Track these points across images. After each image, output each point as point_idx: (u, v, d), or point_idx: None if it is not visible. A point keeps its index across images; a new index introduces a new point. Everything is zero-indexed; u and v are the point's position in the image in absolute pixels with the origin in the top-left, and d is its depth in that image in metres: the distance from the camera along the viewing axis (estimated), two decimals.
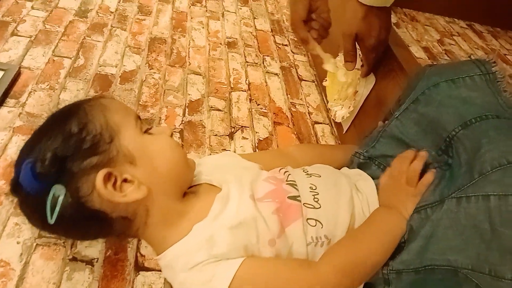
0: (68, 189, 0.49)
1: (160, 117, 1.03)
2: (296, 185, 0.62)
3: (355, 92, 0.94)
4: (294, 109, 1.18)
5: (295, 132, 1.11)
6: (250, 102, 1.16)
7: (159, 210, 0.55)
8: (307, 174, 0.66)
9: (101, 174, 0.49)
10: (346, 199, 0.62)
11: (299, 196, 0.60)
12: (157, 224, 0.56)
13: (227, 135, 1.04)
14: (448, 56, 1.69)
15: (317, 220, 0.58)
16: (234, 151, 0.99)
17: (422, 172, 0.62)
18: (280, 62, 1.37)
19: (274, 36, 1.50)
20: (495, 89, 0.61)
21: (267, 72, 1.31)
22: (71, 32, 1.23)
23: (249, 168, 0.67)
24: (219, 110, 1.11)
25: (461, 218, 0.51)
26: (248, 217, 0.55)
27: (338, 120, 1.01)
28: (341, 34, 0.82)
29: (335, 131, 1.14)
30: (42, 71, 1.06)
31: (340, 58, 0.89)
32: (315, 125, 1.15)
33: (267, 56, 1.38)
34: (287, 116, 1.15)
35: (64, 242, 0.72)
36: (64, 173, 0.49)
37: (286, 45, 1.47)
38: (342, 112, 0.97)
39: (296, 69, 1.36)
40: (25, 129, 0.89)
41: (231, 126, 1.07)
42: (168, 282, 0.69)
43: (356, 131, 1.00)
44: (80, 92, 1.03)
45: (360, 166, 0.74)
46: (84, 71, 1.10)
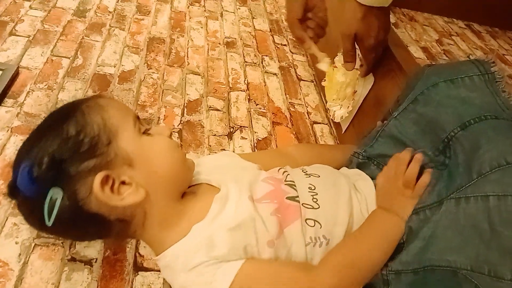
0: (65, 192, 0.48)
1: (158, 117, 1.03)
2: (294, 186, 0.62)
3: (354, 92, 0.93)
4: (293, 109, 1.18)
5: (294, 132, 1.11)
6: (249, 102, 1.16)
7: (157, 212, 0.55)
8: (306, 174, 0.66)
9: (98, 177, 0.49)
10: (345, 199, 0.62)
11: (297, 197, 0.60)
12: (156, 225, 0.55)
13: (226, 135, 1.04)
14: (446, 56, 1.69)
15: (316, 221, 0.58)
16: (233, 151, 0.99)
17: (419, 173, 0.61)
18: (279, 62, 1.37)
19: (273, 36, 1.50)
20: (494, 90, 0.61)
21: (266, 72, 1.30)
22: (70, 32, 1.22)
23: (247, 168, 0.67)
24: (218, 110, 1.11)
25: (460, 218, 0.51)
26: (247, 218, 0.55)
27: (337, 120, 1.01)
28: (340, 34, 0.82)
29: (334, 131, 1.14)
30: (40, 71, 1.06)
31: (339, 58, 0.89)
32: (314, 125, 1.15)
33: (266, 56, 1.38)
34: (286, 116, 1.15)
35: (62, 242, 0.72)
36: (61, 176, 0.48)
37: (285, 45, 1.47)
38: (341, 112, 0.97)
39: (295, 69, 1.36)
40: (23, 129, 0.89)
41: (230, 126, 1.07)
42: (167, 282, 0.68)
43: (355, 131, 1.00)
44: (79, 92, 1.03)
45: (359, 166, 0.74)
46: (83, 71, 1.10)
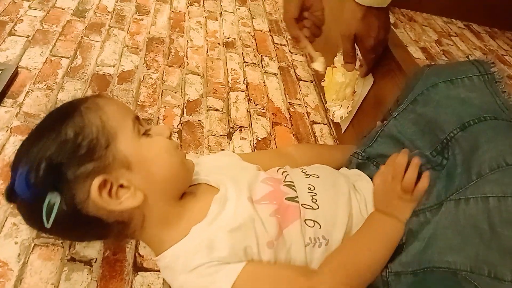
0: (63, 197, 0.48)
1: (158, 117, 1.03)
2: (294, 186, 0.62)
3: (354, 92, 0.94)
4: (293, 109, 1.18)
5: (294, 132, 1.11)
6: (248, 102, 1.16)
7: (156, 213, 0.55)
8: (306, 175, 0.66)
9: (96, 182, 0.49)
10: (344, 200, 0.62)
11: (297, 197, 0.60)
12: (155, 226, 0.55)
13: (226, 135, 1.04)
14: (446, 56, 1.69)
15: (315, 221, 0.58)
16: (233, 151, 0.99)
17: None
18: (278, 62, 1.37)
19: (272, 36, 1.50)
20: (494, 90, 0.61)
21: (265, 72, 1.30)
22: (69, 32, 1.22)
23: (247, 169, 0.67)
24: (217, 110, 1.11)
25: (460, 219, 0.51)
26: (247, 220, 0.55)
27: (336, 120, 1.01)
28: (339, 35, 0.82)
29: (334, 131, 1.14)
30: (39, 71, 1.06)
31: (339, 58, 0.89)
32: (314, 125, 1.15)
33: (265, 56, 1.38)
34: (285, 116, 1.15)
35: (62, 243, 0.71)
36: (59, 181, 0.48)
37: (284, 45, 1.47)
38: (340, 112, 0.97)
39: (294, 69, 1.36)
40: (22, 129, 0.89)
41: (229, 126, 1.06)
42: (167, 283, 0.68)
43: (355, 131, 1.00)
44: (78, 92, 1.03)
45: (359, 166, 0.74)
46: (82, 71, 1.10)
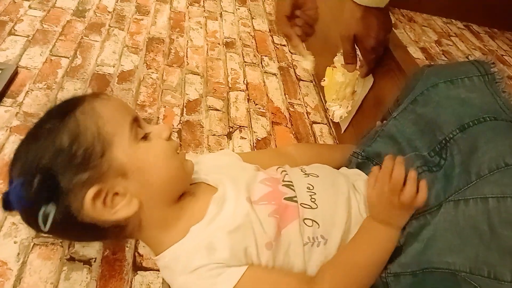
0: (58, 206, 0.48)
1: (158, 117, 1.03)
2: (292, 186, 0.62)
3: (353, 92, 0.94)
4: (292, 109, 1.18)
5: (293, 132, 1.11)
6: (248, 102, 1.16)
7: (152, 217, 0.55)
8: (305, 174, 0.66)
9: (90, 192, 0.48)
10: (343, 199, 0.62)
11: (295, 197, 0.60)
12: (152, 228, 0.55)
13: (225, 135, 1.04)
14: (445, 57, 1.69)
15: (314, 220, 0.58)
16: (232, 151, 0.99)
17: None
18: (278, 62, 1.37)
19: (272, 36, 1.50)
20: (494, 90, 0.61)
21: (265, 72, 1.30)
22: (69, 31, 1.22)
23: (246, 169, 0.67)
24: (217, 110, 1.10)
25: (459, 220, 0.51)
26: (245, 220, 0.54)
27: (336, 120, 1.01)
28: (339, 36, 0.82)
29: (333, 131, 1.14)
30: (39, 70, 1.05)
31: (339, 58, 0.89)
32: (313, 125, 1.15)
33: (265, 56, 1.38)
34: (285, 116, 1.15)
35: (61, 242, 0.71)
36: (53, 192, 0.48)
37: (284, 45, 1.47)
38: (340, 112, 0.97)
39: (294, 69, 1.36)
40: (22, 129, 0.88)
41: (229, 126, 1.06)
42: (166, 282, 0.68)
43: (354, 131, 1.00)
44: (78, 92, 1.03)
45: (359, 166, 0.74)
46: (82, 71, 1.10)
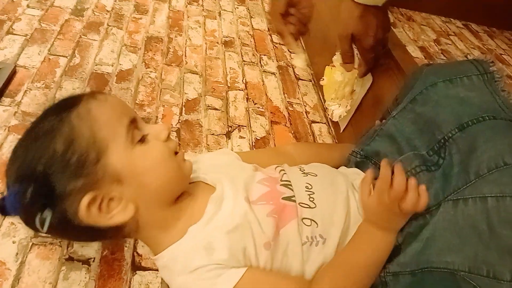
0: (54, 211, 0.48)
1: (157, 116, 1.03)
2: (290, 185, 0.62)
3: (352, 91, 0.93)
4: (291, 108, 1.18)
5: (292, 131, 1.10)
6: (247, 101, 1.16)
7: (150, 219, 0.54)
8: (303, 173, 0.66)
9: (85, 199, 0.48)
10: (342, 198, 0.62)
11: (293, 196, 0.60)
12: (150, 229, 0.55)
13: (224, 134, 1.03)
14: (444, 56, 1.69)
15: (312, 220, 0.58)
16: (231, 150, 0.99)
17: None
18: (277, 61, 1.37)
19: (271, 36, 1.50)
20: (493, 89, 0.61)
21: (264, 71, 1.30)
22: (67, 30, 1.22)
23: (244, 169, 0.67)
24: (216, 109, 1.10)
25: (458, 219, 0.51)
26: (244, 220, 0.54)
27: (335, 119, 1.01)
28: (337, 35, 0.82)
29: (332, 130, 1.14)
30: (37, 69, 1.05)
31: (338, 58, 0.89)
32: (312, 124, 1.15)
33: (264, 55, 1.38)
34: (284, 115, 1.15)
35: (60, 242, 0.71)
36: (48, 199, 0.48)
37: (283, 44, 1.46)
38: (339, 111, 0.97)
39: (293, 68, 1.36)
40: (20, 128, 0.88)
41: (228, 125, 1.06)
42: (165, 282, 0.68)
43: (353, 130, 1.00)
44: (76, 91, 1.03)
45: (357, 165, 0.74)
46: (80, 70, 1.09)
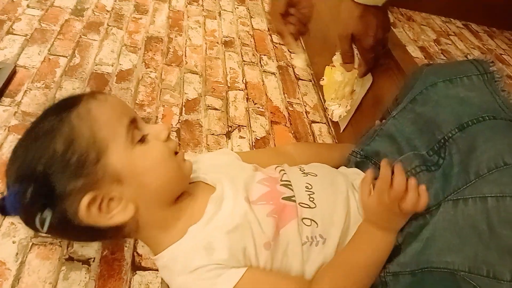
0: (54, 212, 0.48)
1: (156, 116, 1.03)
2: (290, 185, 0.62)
3: (352, 91, 0.94)
4: (291, 108, 1.18)
5: (292, 131, 1.10)
6: (247, 101, 1.16)
7: (150, 219, 0.54)
8: (303, 173, 0.66)
9: (85, 200, 0.48)
10: (342, 198, 0.62)
11: (293, 196, 0.60)
12: (150, 229, 0.55)
13: (224, 134, 1.03)
14: (444, 56, 1.69)
15: (312, 220, 0.58)
16: (231, 150, 0.99)
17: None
18: (277, 61, 1.37)
19: (271, 36, 1.50)
20: (493, 89, 0.61)
21: (264, 71, 1.30)
22: (67, 30, 1.22)
23: (244, 168, 0.67)
24: (216, 109, 1.10)
25: (458, 219, 0.51)
26: (244, 220, 0.54)
27: (335, 119, 1.01)
28: (337, 35, 0.82)
29: (332, 130, 1.14)
30: (37, 69, 1.05)
31: (338, 58, 0.89)
32: (312, 124, 1.15)
33: (264, 55, 1.38)
34: (284, 115, 1.15)
35: (60, 242, 0.71)
36: (48, 200, 0.48)
37: (283, 44, 1.46)
38: (339, 111, 0.97)
39: (293, 68, 1.36)
40: (20, 128, 0.88)
41: (228, 125, 1.06)
42: (165, 282, 0.68)
43: (353, 130, 1.00)
44: (76, 91, 1.03)
45: (357, 165, 0.74)
46: (80, 70, 1.09)
